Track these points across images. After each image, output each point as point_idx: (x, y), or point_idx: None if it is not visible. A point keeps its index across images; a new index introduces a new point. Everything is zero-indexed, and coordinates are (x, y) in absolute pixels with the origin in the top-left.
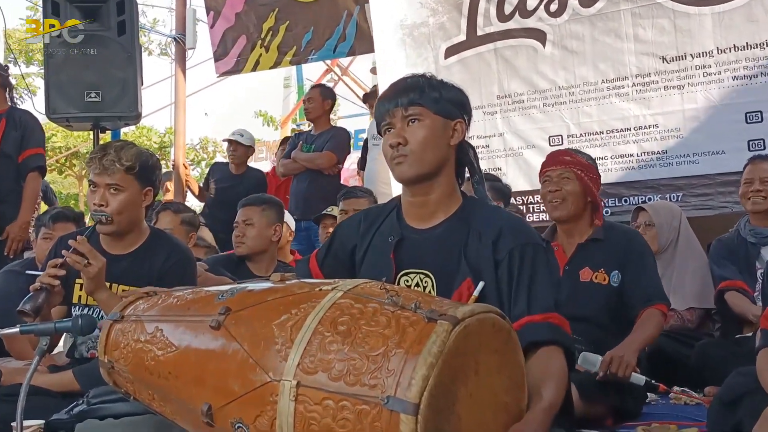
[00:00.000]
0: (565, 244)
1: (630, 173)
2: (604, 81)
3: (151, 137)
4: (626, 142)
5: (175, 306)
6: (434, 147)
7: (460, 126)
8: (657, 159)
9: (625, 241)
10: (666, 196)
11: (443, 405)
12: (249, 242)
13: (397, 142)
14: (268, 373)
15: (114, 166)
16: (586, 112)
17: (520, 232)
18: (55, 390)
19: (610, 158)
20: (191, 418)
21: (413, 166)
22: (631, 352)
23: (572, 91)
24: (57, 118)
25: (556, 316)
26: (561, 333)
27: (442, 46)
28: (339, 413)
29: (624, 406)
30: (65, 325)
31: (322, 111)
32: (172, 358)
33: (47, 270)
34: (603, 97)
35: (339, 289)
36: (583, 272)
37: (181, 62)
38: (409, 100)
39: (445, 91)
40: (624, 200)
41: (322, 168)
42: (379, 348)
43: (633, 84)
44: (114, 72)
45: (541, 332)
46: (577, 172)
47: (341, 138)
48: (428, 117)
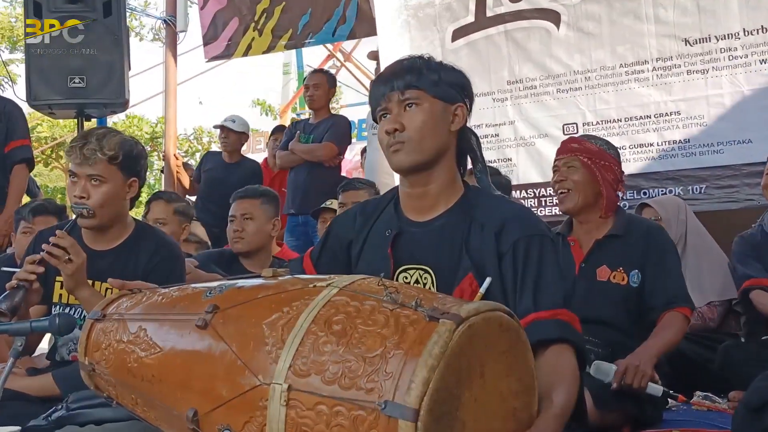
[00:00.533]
0: (582, 240)
1: (650, 164)
2: (623, 65)
3: (141, 127)
4: (646, 131)
5: (160, 304)
6: (433, 133)
7: (461, 110)
8: (679, 148)
9: (645, 236)
10: (688, 188)
11: (445, 410)
12: (248, 238)
13: (394, 128)
14: (257, 376)
15: (95, 155)
16: (603, 99)
17: (525, 222)
18: (34, 394)
19: (628, 147)
20: (176, 424)
21: (411, 153)
22: (647, 361)
23: (588, 76)
24: (39, 105)
25: (565, 313)
26: (571, 330)
27: (449, 28)
28: (333, 419)
29: (642, 413)
30: (42, 324)
31: (327, 99)
32: (156, 359)
33: (25, 266)
34: (621, 82)
35: (334, 285)
36: (601, 271)
37: (171, 47)
38: (406, 83)
39: (445, 74)
40: (643, 192)
41: (323, 160)
42: (377, 349)
43: (653, 68)
44: (99, 56)
45: (549, 330)
46: (582, 160)
47: (342, 127)
48: (427, 101)
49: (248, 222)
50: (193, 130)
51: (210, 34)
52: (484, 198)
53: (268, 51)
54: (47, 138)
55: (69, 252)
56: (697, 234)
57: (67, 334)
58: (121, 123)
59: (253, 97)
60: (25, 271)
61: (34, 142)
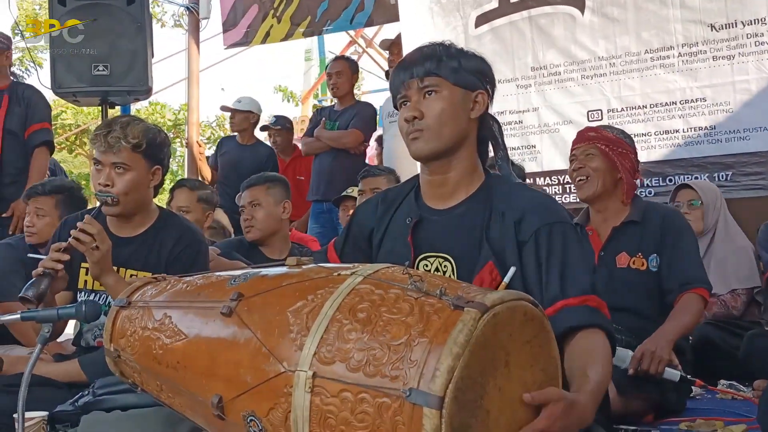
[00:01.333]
0: (600, 228)
1: (675, 150)
2: (648, 51)
3: (164, 114)
4: (671, 117)
5: (184, 291)
6: (453, 121)
7: (482, 97)
8: (705, 135)
9: (662, 221)
10: (714, 175)
11: (470, 399)
12: (258, 225)
13: (413, 115)
14: (282, 363)
15: (119, 143)
16: (628, 85)
17: (546, 210)
18: (61, 380)
19: (653, 134)
20: (201, 410)
21: (430, 141)
22: (664, 345)
23: (613, 62)
24: (63, 93)
25: (593, 299)
26: (600, 316)
27: (472, 14)
28: (358, 406)
29: (666, 400)
30: (69, 311)
31: (350, 86)
32: (181, 346)
33: (50, 254)
34: (646, 68)
35: (359, 273)
36: (620, 258)
37: (194, 34)
38: (426, 70)
39: (465, 60)
40: (669, 179)
41: (348, 147)
42: (401, 337)
43: (679, 54)
44: (123, 43)
45: (579, 316)
46: (601, 147)
47: (367, 114)
48: (446, 88)
49: (257, 209)
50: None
51: (230, 21)
52: (505, 186)
53: (286, 38)
54: (71, 125)
55: (96, 239)
56: (726, 223)
57: (93, 321)
58: (144, 110)
59: (275, 84)
60: (50, 259)
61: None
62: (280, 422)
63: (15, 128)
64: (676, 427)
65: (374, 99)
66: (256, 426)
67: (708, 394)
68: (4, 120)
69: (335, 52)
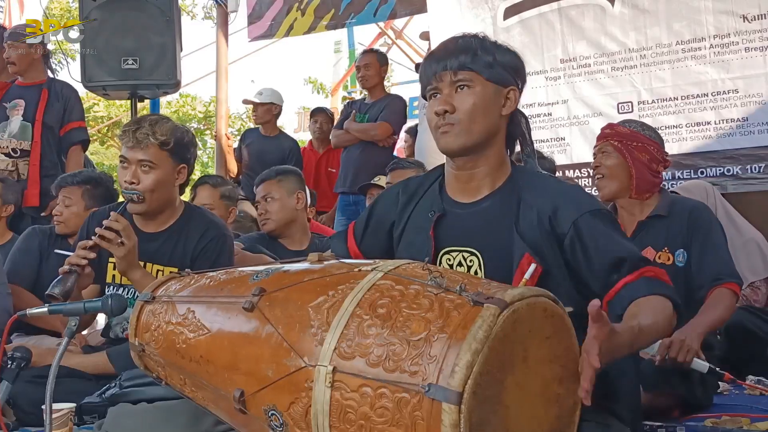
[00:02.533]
0: (625, 222)
1: (707, 142)
2: (679, 42)
3: (195, 106)
4: (703, 109)
5: (207, 287)
6: (484, 117)
7: (514, 94)
8: (737, 127)
9: (689, 215)
10: (747, 167)
11: (489, 394)
12: (273, 216)
13: (444, 109)
14: (303, 357)
15: (147, 140)
16: (659, 77)
17: (579, 200)
18: (89, 372)
19: (685, 126)
20: (224, 404)
21: (460, 136)
22: (695, 336)
23: (644, 53)
24: (93, 87)
25: (650, 269)
26: (660, 284)
27: (501, 5)
28: (377, 401)
29: (692, 396)
30: (95, 305)
31: (379, 78)
32: (204, 341)
33: (77, 251)
34: (678, 60)
35: (379, 269)
36: (646, 252)
37: (223, 27)
38: (460, 63)
39: (500, 55)
40: (701, 172)
41: (377, 139)
42: (421, 332)
43: (711, 45)
44: (152, 37)
45: (641, 289)
46: (614, 144)
47: (397, 107)
48: (479, 83)
49: (270, 202)
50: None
51: (255, 14)
52: (532, 178)
53: (309, 31)
54: (103, 117)
55: (121, 235)
56: (727, 217)
57: (118, 315)
58: (174, 102)
59: (304, 76)
60: (77, 256)
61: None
62: (301, 416)
63: (52, 123)
64: (702, 424)
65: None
66: (277, 420)
67: (735, 390)
68: (44, 114)
69: (364, 44)
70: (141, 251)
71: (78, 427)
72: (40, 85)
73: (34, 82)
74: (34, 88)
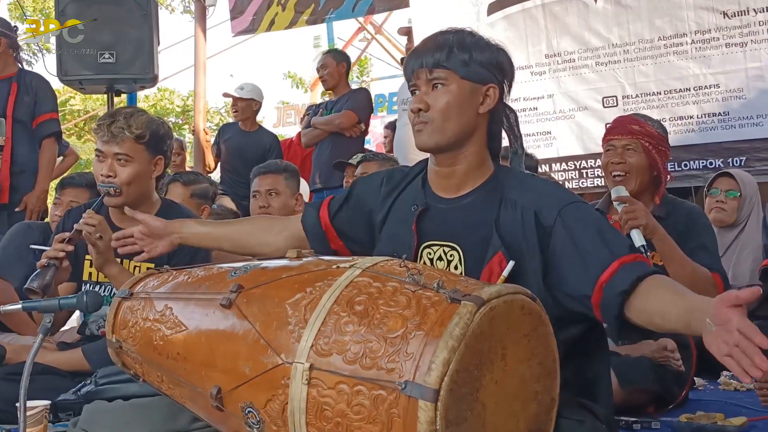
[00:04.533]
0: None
1: (690, 136)
2: (661, 38)
3: (173, 100)
4: (685, 103)
5: (185, 283)
6: (458, 115)
7: (493, 91)
8: (719, 121)
9: (686, 218)
10: (728, 160)
11: (466, 392)
12: (274, 213)
13: (418, 107)
14: (280, 354)
15: (123, 133)
16: (642, 72)
17: (561, 193)
18: (64, 369)
19: (668, 120)
20: (201, 401)
21: (434, 135)
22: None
23: (627, 49)
24: (69, 80)
25: (641, 256)
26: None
27: (485, 1)
28: (354, 398)
29: (667, 392)
30: (70, 302)
31: (339, 76)
32: (182, 338)
33: (54, 245)
34: (660, 55)
35: (357, 266)
36: None
37: (201, 21)
38: (435, 61)
39: (478, 53)
40: (684, 164)
41: (343, 128)
42: (398, 330)
43: (692, 41)
44: (129, 31)
45: (641, 268)
46: (644, 144)
47: (360, 97)
48: (454, 81)
49: (274, 198)
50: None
51: (237, 9)
52: (515, 177)
53: (290, 26)
54: (80, 111)
55: (98, 229)
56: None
57: (94, 312)
58: (152, 96)
59: (284, 70)
60: (54, 250)
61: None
62: (278, 414)
63: (24, 117)
64: (677, 419)
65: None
66: (254, 417)
67: (711, 385)
68: (14, 108)
69: (344, 38)
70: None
71: (53, 424)
72: (10, 79)
73: (3, 76)
74: (3, 82)
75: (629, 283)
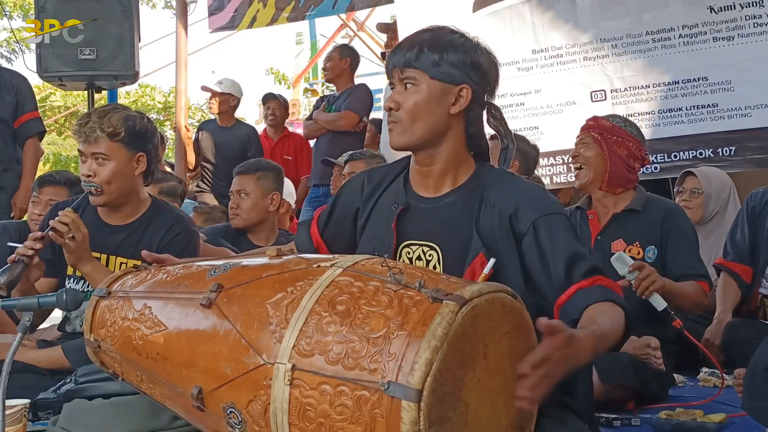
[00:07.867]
0: (601, 214)
1: (680, 127)
2: (649, 32)
3: (154, 96)
4: (674, 96)
5: (164, 282)
6: (426, 116)
7: (466, 92)
8: (707, 113)
9: (665, 215)
10: (718, 150)
11: (448, 391)
12: (244, 214)
13: (389, 106)
14: (261, 355)
15: (95, 133)
16: (630, 66)
17: (541, 202)
18: (44, 367)
19: (657, 113)
20: (181, 401)
21: (402, 135)
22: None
23: (615, 43)
24: (49, 77)
25: (603, 278)
26: (613, 293)
27: None
28: (336, 399)
29: (647, 389)
30: (49, 300)
31: (341, 70)
32: (161, 337)
33: (26, 242)
34: (648, 49)
35: (338, 265)
36: (616, 244)
37: (182, 17)
38: (405, 60)
39: (450, 53)
40: (674, 155)
41: (345, 128)
42: (380, 330)
43: (680, 35)
44: (109, 27)
45: (595, 295)
46: (594, 136)
47: (360, 94)
48: (424, 81)
49: (243, 198)
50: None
51: (216, 5)
52: (496, 177)
53: (271, 23)
54: (60, 107)
55: (71, 228)
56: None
57: (74, 310)
58: (133, 92)
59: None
60: (24, 247)
61: (48, 111)
62: (260, 414)
63: (6, 116)
64: (656, 416)
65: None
66: (236, 418)
67: (690, 382)
68: None
69: (326, 35)
70: (105, 243)
71: (33, 423)
72: None
73: None
74: None
75: (579, 313)
